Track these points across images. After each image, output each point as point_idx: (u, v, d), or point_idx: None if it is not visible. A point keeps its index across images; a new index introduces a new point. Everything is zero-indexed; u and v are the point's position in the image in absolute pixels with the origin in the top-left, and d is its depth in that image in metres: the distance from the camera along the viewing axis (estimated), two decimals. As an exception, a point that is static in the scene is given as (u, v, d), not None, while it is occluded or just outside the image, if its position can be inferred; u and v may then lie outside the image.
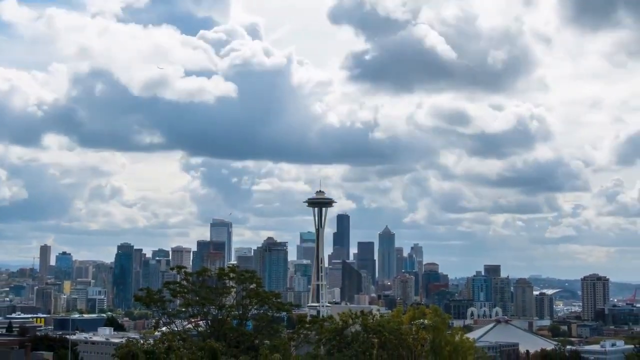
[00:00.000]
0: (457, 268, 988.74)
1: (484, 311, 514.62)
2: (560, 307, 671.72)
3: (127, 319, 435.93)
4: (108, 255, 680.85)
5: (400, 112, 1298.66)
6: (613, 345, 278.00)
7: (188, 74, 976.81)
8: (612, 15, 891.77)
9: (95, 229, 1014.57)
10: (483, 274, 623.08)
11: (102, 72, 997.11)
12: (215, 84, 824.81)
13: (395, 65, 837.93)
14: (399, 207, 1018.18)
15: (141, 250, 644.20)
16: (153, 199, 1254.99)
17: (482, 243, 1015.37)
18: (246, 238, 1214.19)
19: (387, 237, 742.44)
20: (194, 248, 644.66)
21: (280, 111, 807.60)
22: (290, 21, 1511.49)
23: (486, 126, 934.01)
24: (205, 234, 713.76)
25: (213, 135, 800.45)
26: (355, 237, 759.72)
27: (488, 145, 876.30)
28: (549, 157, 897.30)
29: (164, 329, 68.64)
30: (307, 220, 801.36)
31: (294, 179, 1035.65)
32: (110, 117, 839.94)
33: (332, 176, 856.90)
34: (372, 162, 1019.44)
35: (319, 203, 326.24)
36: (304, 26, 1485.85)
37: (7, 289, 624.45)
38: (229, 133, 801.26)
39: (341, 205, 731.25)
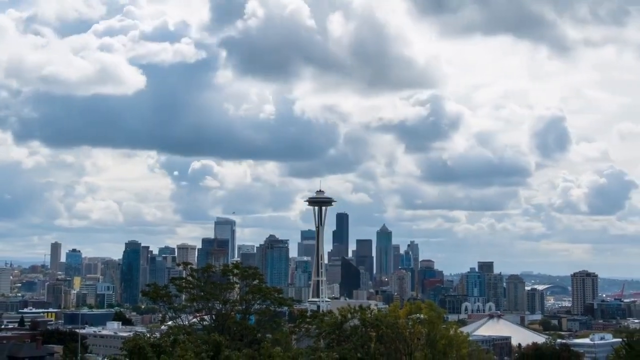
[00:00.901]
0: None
1: (478, 306, 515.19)
2: (551, 302, 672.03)
3: (134, 313, 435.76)
4: (104, 252, 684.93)
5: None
6: (602, 338, 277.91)
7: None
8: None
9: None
10: (477, 270, 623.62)
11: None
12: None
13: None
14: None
15: (148, 247, 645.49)
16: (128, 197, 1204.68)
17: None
18: (249, 236, 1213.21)
19: (384, 235, 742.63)
20: (199, 245, 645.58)
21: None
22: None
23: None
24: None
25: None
26: (352, 234, 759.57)
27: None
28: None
29: (170, 323, 68.66)
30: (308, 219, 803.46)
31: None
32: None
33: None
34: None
35: (319, 202, 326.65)
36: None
37: (20, 284, 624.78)
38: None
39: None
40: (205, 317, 67.87)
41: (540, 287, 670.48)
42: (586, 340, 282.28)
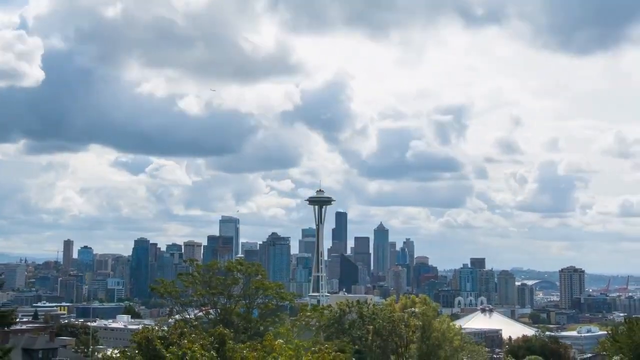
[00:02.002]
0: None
1: (470, 300, 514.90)
2: (540, 296, 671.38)
3: (143, 307, 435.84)
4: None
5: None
6: (588, 331, 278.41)
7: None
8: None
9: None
10: (469, 266, 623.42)
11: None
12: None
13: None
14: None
15: (156, 244, 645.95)
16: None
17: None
18: (252, 233, 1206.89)
19: (381, 232, 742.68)
20: (205, 243, 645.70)
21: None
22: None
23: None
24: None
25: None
26: (351, 232, 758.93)
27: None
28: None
29: (177, 316, 68.68)
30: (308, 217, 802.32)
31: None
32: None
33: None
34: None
35: (319, 201, 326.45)
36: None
37: (34, 280, 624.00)
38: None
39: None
40: (211, 310, 67.95)
41: (529, 283, 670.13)
42: (573, 333, 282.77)
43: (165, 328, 44.38)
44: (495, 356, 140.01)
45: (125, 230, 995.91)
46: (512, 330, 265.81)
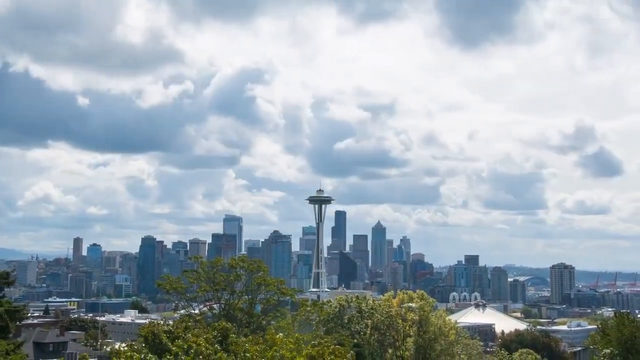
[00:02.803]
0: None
1: (464, 295, 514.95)
2: (531, 292, 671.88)
3: (149, 302, 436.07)
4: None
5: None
6: (578, 325, 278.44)
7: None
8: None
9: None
10: (464, 263, 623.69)
11: None
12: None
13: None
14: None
15: (162, 242, 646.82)
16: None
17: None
18: (255, 231, 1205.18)
19: (379, 230, 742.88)
20: (209, 240, 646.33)
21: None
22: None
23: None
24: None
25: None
26: (350, 230, 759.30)
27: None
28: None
29: (182, 311, 68.60)
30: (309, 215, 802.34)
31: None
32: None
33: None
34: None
35: (319, 201, 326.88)
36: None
37: (45, 276, 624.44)
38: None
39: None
40: (215, 306, 67.86)
41: (521, 279, 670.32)
42: (564, 327, 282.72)
43: (171, 322, 44.27)
44: (488, 349, 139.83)
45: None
46: (505, 324, 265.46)
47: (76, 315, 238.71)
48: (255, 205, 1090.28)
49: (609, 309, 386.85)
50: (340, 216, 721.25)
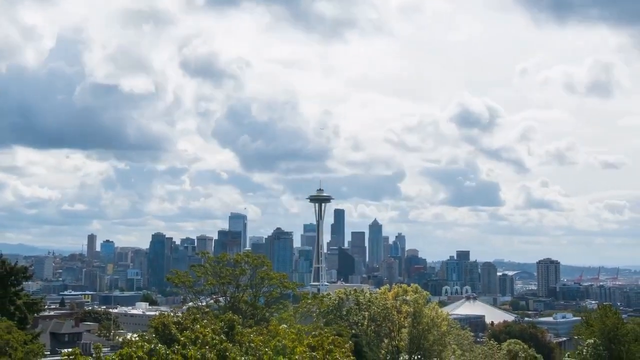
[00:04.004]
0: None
1: (456, 289, 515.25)
2: (519, 285, 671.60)
3: (159, 295, 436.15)
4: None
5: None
6: (563, 317, 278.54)
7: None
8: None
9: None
10: (455, 258, 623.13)
11: None
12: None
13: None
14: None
15: (171, 238, 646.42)
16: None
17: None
18: (258, 228, 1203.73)
19: (375, 228, 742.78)
20: (216, 237, 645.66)
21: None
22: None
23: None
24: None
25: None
26: (349, 227, 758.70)
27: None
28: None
29: (190, 304, 68.56)
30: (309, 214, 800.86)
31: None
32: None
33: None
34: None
35: (319, 199, 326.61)
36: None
37: (60, 271, 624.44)
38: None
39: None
40: (221, 298, 67.81)
41: (510, 273, 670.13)
42: (550, 319, 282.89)
43: (180, 314, 44.26)
44: (478, 340, 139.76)
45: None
46: (494, 316, 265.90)
47: (90, 308, 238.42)
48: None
49: (593, 302, 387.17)
50: (339, 214, 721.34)
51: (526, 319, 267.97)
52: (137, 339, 32.27)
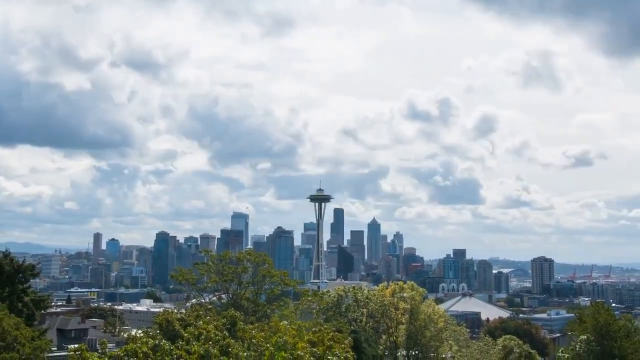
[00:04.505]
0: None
1: (453, 286, 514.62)
2: (514, 283, 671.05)
3: (163, 293, 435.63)
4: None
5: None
6: (557, 314, 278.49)
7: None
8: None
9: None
10: (452, 256, 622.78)
11: None
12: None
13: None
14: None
15: (175, 237, 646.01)
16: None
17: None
18: (260, 226, 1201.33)
19: (374, 226, 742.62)
20: (218, 235, 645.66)
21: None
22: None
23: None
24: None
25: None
26: (348, 225, 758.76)
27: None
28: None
29: (193, 300, 68.66)
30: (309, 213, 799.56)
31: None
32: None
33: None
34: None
35: (319, 199, 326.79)
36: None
37: (67, 268, 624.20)
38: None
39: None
40: (223, 296, 67.91)
41: (505, 271, 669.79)
42: (544, 315, 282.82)
43: (183, 311, 44.35)
44: (474, 336, 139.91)
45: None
46: (490, 312, 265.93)
47: (96, 304, 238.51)
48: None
49: (586, 299, 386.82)
50: (338, 213, 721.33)
51: (521, 315, 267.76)
52: (141, 335, 32.34)
